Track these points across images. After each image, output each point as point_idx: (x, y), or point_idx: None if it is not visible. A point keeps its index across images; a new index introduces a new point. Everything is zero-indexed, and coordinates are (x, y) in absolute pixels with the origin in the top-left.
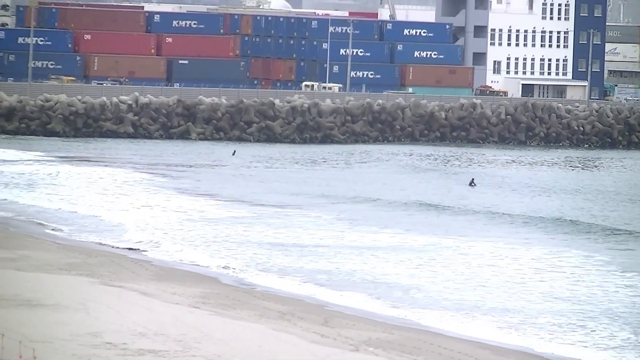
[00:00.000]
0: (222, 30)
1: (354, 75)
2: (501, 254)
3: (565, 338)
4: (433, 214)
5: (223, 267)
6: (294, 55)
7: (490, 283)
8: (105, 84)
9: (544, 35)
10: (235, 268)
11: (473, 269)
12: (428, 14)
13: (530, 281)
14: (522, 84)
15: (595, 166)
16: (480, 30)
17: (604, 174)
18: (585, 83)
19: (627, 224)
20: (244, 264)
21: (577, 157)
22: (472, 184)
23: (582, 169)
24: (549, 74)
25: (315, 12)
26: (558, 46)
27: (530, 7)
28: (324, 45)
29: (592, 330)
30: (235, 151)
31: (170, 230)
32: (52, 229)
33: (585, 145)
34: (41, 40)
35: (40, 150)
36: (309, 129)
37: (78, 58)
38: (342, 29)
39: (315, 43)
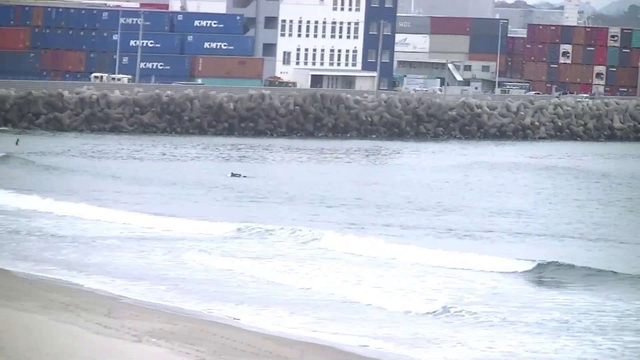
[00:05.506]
0: (12, 22)
1: (144, 67)
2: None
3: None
4: None
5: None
6: (84, 47)
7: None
8: None
9: (335, 26)
10: None
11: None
12: (219, 5)
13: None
14: (312, 75)
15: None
16: (271, 22)
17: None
18: (375, 74)
19: None
20: None
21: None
22: (235, 175)
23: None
24: (339, 64)
25: (106, 4)
26: (348, 37)
27: None
28: (114, 37)
29: None
30: (18, 140)
31: None
32: None
33: (373, 136)
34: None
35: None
36: (97, 120)
37: None
38: (133, 21)
39: (105, 34)
